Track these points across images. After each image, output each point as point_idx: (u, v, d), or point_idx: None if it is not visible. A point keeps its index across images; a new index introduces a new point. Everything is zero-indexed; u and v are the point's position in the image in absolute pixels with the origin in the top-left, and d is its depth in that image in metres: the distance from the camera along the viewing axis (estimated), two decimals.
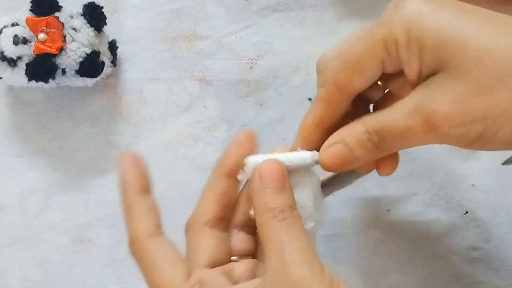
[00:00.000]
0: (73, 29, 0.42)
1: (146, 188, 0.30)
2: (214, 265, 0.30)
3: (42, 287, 0.44)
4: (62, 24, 0.41)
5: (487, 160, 0.45)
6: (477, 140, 0.27)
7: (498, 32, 0.27)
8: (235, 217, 0.33)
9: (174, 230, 0.44)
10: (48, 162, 0.45)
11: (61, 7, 0.43)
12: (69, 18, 0.42)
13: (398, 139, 0.29)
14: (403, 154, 0.45)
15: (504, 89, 0.26)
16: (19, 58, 0.41)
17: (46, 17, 0.41)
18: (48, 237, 0.44)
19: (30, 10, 0.42)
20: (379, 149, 0.30)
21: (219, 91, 0.46)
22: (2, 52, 0.41)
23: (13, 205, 0.45)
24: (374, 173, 0.45)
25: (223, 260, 0.31)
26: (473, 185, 0.44)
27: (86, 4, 0.43)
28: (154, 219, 0.29)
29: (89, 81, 0.43)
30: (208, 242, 0.31)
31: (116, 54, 0.45)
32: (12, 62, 0.41)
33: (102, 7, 0.43)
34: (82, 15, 0.42)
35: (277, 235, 0.27)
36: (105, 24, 0.44)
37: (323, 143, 0.31)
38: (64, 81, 0.43)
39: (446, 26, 0.27)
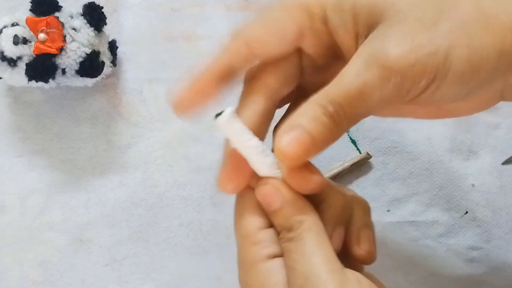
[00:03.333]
0: (73, 29, 0.42)
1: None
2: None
3: (42, 287, 0.44)
4: (62, 24, 0.41)
5: (487, 160, 0.45)
6: (433, 81, 0.27)
7: None
8: None
9: (174, 230, 0.45)
10: (48, 162, 0.45)
11: (61, 7, 0.43)
12: (69, 18, 0.42)
13: (356, 101, 0.27)
14: (403, 154, 0.46)
15: (447, 22, 0.26)
16: (19, 58, 0.41)
17: (46, 17, 0.41)
18: (48, 237, 0.44)
19: (30, 10, 0.42)
20: (337, 122, 0.27)
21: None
22: (2, 52, 0.41)
23: (13, 205, 0.45)
24: (374, 173, 0.45)
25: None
26: (473, 185, 0.44)
27: (86, 4, 0.43)
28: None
29: (89, 81, 0.43)
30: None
31: (116, 54, 0.45)
32: (12, 62, 0.41)
33: (102, 7, 0.43)
34: (82, 15, 0.42)
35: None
36: (105, 24, 0.44)
37: (207, 90, 0.30)
38: (64, 81, 0.43)
39: None
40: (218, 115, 0.28)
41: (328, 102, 0.27)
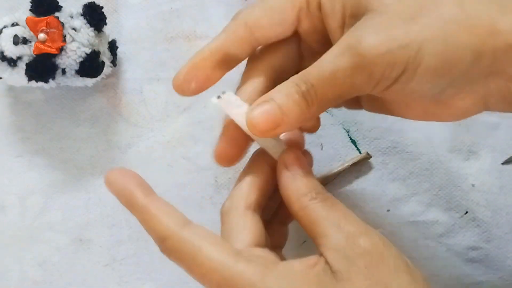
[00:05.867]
0: (73, 29, 0.42)
1: (151, 190, 0.29)
2: (260, 246, 0.30)
3: (42, 287, 0.44)
4: (62, 24, 0.41)
5: (487, 160, 0.45)
6: (403, 73, 0.27)
7: None
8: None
9: None
10: (48, 162, 0.45)
11: (61, 7, 0.43)
12: (69, 18, 0.42)
13: (328, 84, 0.28)
14: (403, 154, 0.46)
15: (424, 18, 0.27)
16: (19, 58, 0.41)
17: (46, 17, 0.41)
18: (48, 237, 0.44)
19: (30, 10, 0.42)
20: (308, 101, 0.28)
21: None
22: (2, 52, 0.41)
23: (13, 205, 0.45)
24: (374, 173, 0.45)
25: (265, 245, 0.30)
26: (473, 185, 0.45)
27: (86, 4, 0.43)
28: (176, 211, 0.29)
29: (89, 81, 0.43)
30: (253, 224, 0.30)
31: (116, 54, 0.45)
32: (12, 62, 0.41)
33: (102, 7, 0.43)
34: (82, 15, 0.42)
35: (328, 213, 0.28)
36: (105, 24, 0.44)
37: (210, 75, 0.31)
38: (64, 81, 0.43)
39: None
40: (219, 97, 0.30)
41: (303, 82, 0.28)
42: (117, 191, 0.29)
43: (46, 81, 0.42)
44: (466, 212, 0.44)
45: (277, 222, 0.35)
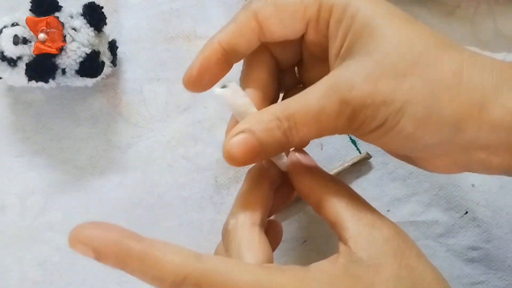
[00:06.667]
0: (73, 29, 0.42)
1: (139, 234, 0.26)
2: (269, 262, 0.29)
3: (42, 287, 0.44)
4: (62, 24, 0.41)
5: None
6: (380, 126, 0.27)
7: (418, 29, 0.28)
8: None
9: (174, 230, 0.45)
10: (48, 162, 0.45)
11: (61, 7, 0.43)
12: (69, 18, 0.42)
13: (310, 123, 0.28)
14: None
15: (416, 77, 0.26)
16: (19, 58, 0.41)
17: (46, 17, 0.41)
18: (48, 237, 0.44)
19: (30, 10, 0.42)
20: (289, 138, 0.28)
21: None
22: (2, 52, 0.41)
23: (13, 205, 0.45)
24: (374, 173, 0.45)
25: (271, 260, 0.30)
26: (473, 185, 0.44)
27: (86, 4, 0.43)
28: (180, 246, 0.26)
29: (89, 81, 0.43)
30: (261, 240, 0.29)
31: (116, 54, 0.45)
32: (12, 62, 0.41)
33: (102, 7, 0.43)
34: (82, 15, 0.42)
35: (347, 203, 0.29)
36: (105, 24, 0.44)
37: (218, 68, 0.31)
38: (64, 81, 0.43)
39: (377, 15, 0.28)
40: (222, 88, 0.29)
41: (285, 118, 0.28)
42: (98, 245, 0.25)
43: (46, 81, 0.42)
44: (466, 212, 0.44)
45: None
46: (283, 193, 0.34)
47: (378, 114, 0.27)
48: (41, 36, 0.41)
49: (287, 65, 0.34)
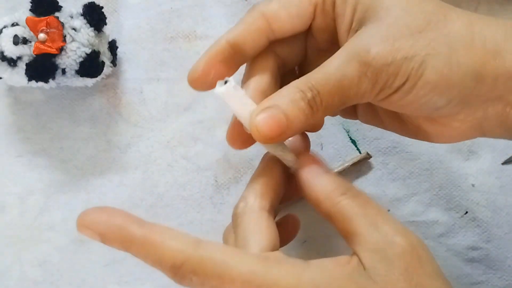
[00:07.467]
0: (73, 29, 0.42)
1: (142, 219, 0.27)
2: (275, 249, 0.28)
3: (42, 287, 0.44)
4: (62, 24, 0.41)
5: (487, 160, 0.45)
6: (403, 84, 0.28)
7: None
8: None
9: None
10: (48, 162, 0.45)
11: (61, 7, 0.43)
12: (69, 18, 0.42)
13: (333, 91, 0.28)
14: (403, 154, 0.45)
15: (431, 32, 0.27)
16: (19, 58, 0.41)
17: (46, 17, 0.41)
18: (48, 237, 0.44)
19: (30, 10, 0.42)
20: (313, 108, 0.28)
21: None
22: (2, 52, 0.41)
23: (13, 205, 0.45)
24: (374, 173, 0.45)
25: (279, 247, 0.29)
26: (473, 185, 0.45)
27: (86, 4, 0.43)
28: (181, 232, 0.26)
29: (89, 81, 0.43)
30: (269, 226, 0.29)
31: (116, 54, 0.45)
32: (12, 62, 0.41)
33: (102, 7, 0.43)
34: (82, 15, 0.42)
35: (362, 211, 0.28)
36: (105, 24, 0.44)
37: (223, 66, 0.31)
38: (64, 81, 0.43)
39: None
40: (226, 82, 0.29)
41: (308, 89, 0.28)
42: (103, 230, 0.25)
43: (46, 81, 0.42)
44: (466, 212, 0.44)
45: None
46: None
47: (400, 70, 0.27)
48: (41, 36, 0.41)
49: (291, 65, 0.34)
